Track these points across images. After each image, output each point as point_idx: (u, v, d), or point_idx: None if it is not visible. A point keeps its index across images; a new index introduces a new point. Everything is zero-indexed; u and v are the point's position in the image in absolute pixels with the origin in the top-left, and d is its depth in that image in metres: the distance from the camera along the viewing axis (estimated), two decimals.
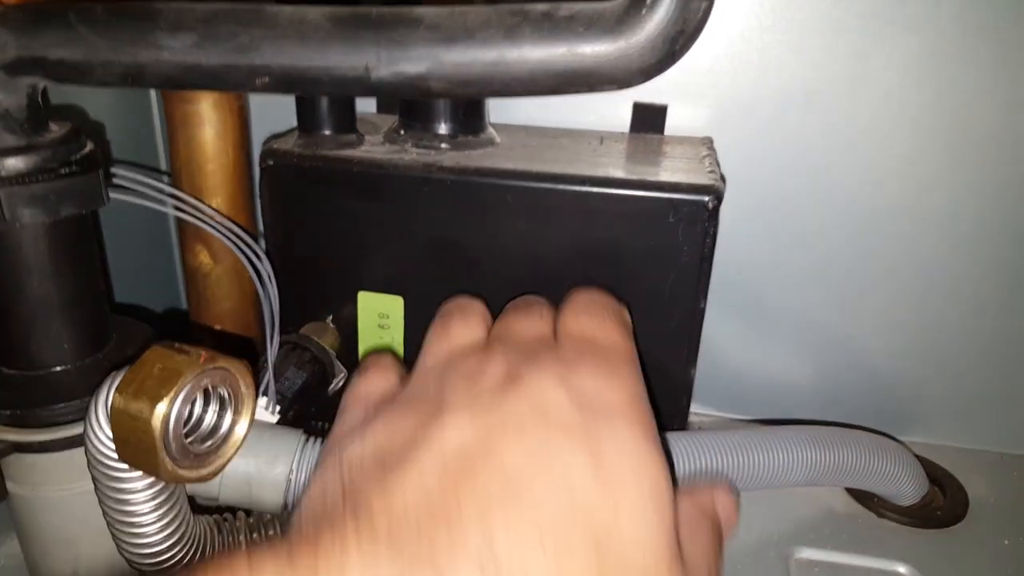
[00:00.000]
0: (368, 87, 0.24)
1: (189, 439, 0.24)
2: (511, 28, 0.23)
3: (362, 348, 0.41)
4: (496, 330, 0.27)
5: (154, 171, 0.45)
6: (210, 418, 0.25)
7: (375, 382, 0.27)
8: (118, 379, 0.24)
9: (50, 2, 0.26)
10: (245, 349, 0.41)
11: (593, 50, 0.22)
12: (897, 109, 0.41)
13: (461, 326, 0.27)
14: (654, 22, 0.22)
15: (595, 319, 0.27)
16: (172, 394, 0.22)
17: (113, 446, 0.25)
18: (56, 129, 0.28)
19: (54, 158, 0.26)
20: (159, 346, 0.24)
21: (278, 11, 0.24)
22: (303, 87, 0.24)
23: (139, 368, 0.23)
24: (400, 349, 0.40)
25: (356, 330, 0.40)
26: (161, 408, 0.22)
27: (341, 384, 0.40)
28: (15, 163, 0.26)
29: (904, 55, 0.40)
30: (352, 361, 0.40)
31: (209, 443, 0.25)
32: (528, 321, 0.27)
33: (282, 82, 0.24)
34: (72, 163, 0.27)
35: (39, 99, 0.27)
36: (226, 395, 0.25)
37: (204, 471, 0.25)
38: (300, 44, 0.23)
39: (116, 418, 0.23)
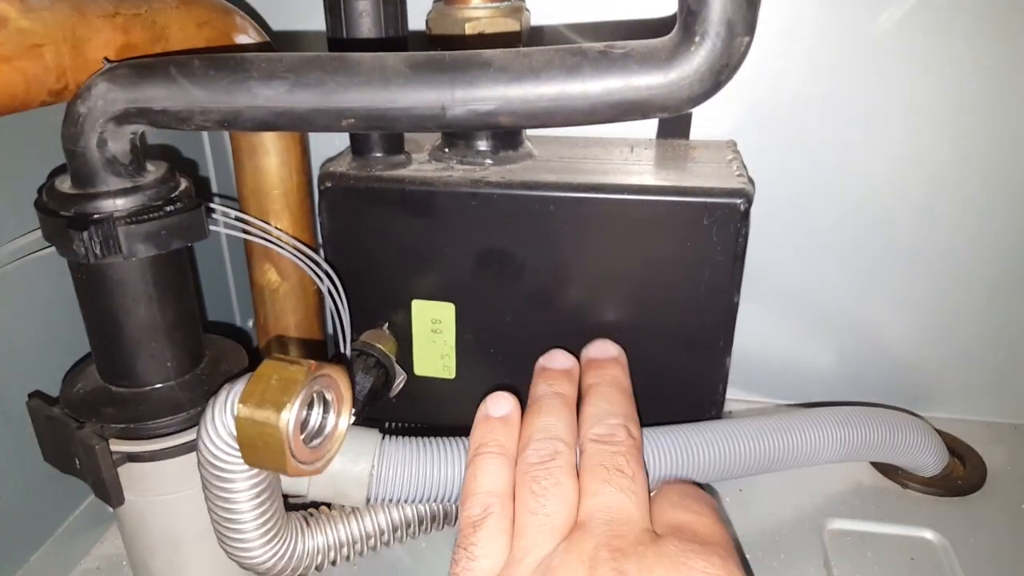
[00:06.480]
0: (443, 123, 0.27)
1: (303, 436, 0.27)
2: (572, 67, 0.25)
3: (416, 351, 0.44)
4: (590, 510, 0.28)
5: (218, 196, 0.48)
6: (316, 419, 0.28)
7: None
8: (234, 390, 0.27)
9: (151, 57, 0.28)
10: (313, 353, 0.44)
11: (647, 83, 0.25)
12: (911, 108, 0.44)
13: (557, 500, 0.28)
14: (701, 57, 0.24)
15: (692, 511, 0.28)
16: (293, 400, 0.25)
17: (227, 449, 0.28)
18: (153, 169, 0.31)
19: (158, 196, 0.29)
20: (271, 359, 0.27)
21: (360, 58, 0.27)
22: (384, 126, 0.27)
23: (258, 380, 0.26)
24: (452, 351, 0.43)
25: (411, 335, 0.43)
26: (286, 413, 0.25)
27: (401, 385, 0.43)
28: (126, 203, 0.29)
29: (916, 58, 0.43)
30: (407, 363, 0.44)
31: (318, 440, 0.28)
32: (625, 508, 0.28)
33: (365, 122, 0.27)
34: (174, 200, 0.30)
35: (139, 143, 0.30)
36: (330, 397, 0.28)
37: (318, 464, 0.28)
38: (382, 88, 0.26)
39: (242, 426, 0.26)
